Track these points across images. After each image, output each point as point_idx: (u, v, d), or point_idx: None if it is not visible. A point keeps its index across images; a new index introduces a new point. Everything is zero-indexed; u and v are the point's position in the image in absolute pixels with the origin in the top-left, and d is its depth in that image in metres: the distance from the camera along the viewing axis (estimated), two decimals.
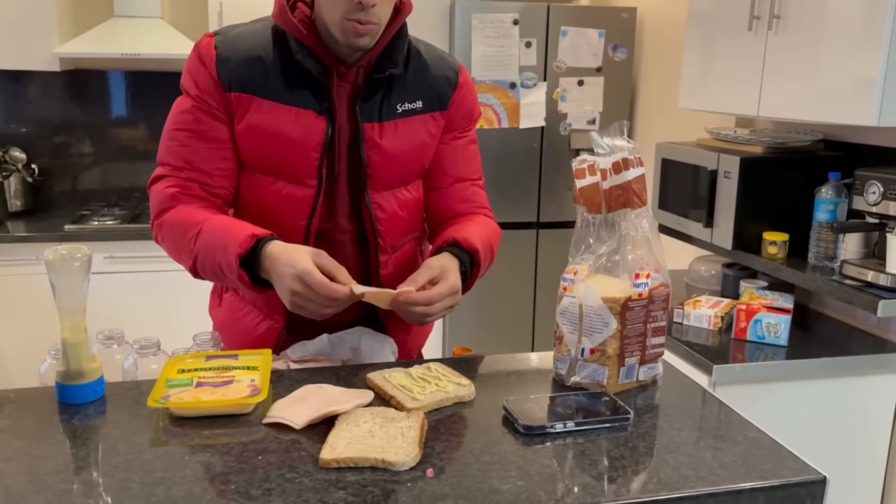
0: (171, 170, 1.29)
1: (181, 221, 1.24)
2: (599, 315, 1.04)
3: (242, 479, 0.82)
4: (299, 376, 1.11)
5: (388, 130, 1.31)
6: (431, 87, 1.35)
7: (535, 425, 0.95)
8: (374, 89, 1.29)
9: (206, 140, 1.27)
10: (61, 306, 0.95)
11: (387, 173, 1.33)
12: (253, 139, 1.28)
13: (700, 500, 0.83)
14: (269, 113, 1.26)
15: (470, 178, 1.45)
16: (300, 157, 1.28)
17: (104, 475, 0.82)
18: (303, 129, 1.26)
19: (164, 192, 1.28)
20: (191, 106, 1.28)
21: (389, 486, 0.82)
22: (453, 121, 1.39)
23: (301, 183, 1.30)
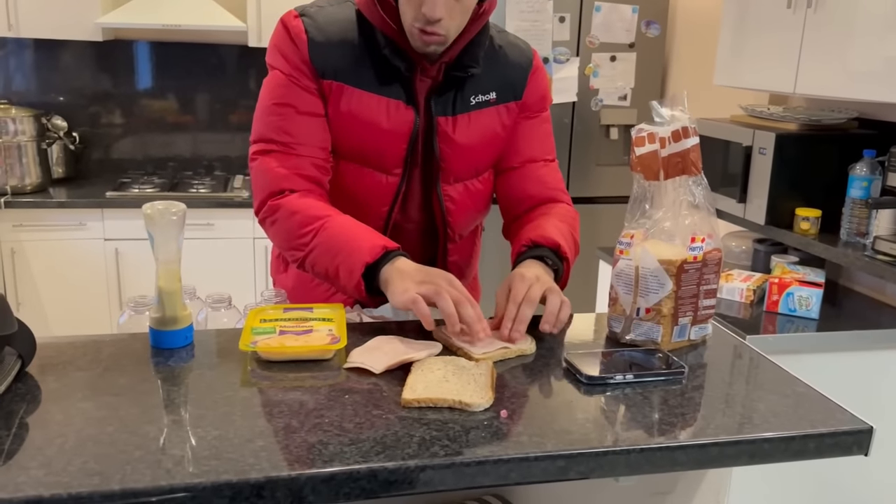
0: (278, 145, 1.27)
1: (300, 212, 1.23)
2: (656, 276, 1.10)
3: (334, 413, 0.89)
4: (371, 328, 1.18)
5: (462, 123, 1.33)
6: (505, 78, 1.37)
7: (596, 376, 1.01)
8: (451, 84, 1.31)
9: (307, 114, 1.27)
10: (158, 257, 1.02)
11: (459, 166, 1.36)
12: (345, 127, 1.29)
13: (756, 445, 0.90)
14: (362, 101, 1.28)
15: (542, 157, 1.44)
16: (389, 146, 1.31)
17: (207, 408, 0.90)
18: (395, 120, 1.29)
19: (274, 171, 1.26)
20: (286, 81, 1.27)
21: (468, 423, 0.89)
22: (527, 105, 1.41)
23: (387, 171, 1.33)
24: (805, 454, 0.92)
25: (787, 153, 2.33)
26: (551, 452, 0.84)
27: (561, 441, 0.86)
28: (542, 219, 1.37)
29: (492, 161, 1.41)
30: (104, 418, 0.86)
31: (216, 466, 0.77)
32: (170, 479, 0.75)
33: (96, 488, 0.73)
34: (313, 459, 0.80)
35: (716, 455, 0.89)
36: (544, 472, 0.84)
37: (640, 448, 0.86)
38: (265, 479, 0.76)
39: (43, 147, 3.32)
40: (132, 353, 1.05)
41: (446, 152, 1.33)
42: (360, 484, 0.79)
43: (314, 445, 0.82)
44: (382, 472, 0.79)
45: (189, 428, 0.85)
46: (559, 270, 1.28)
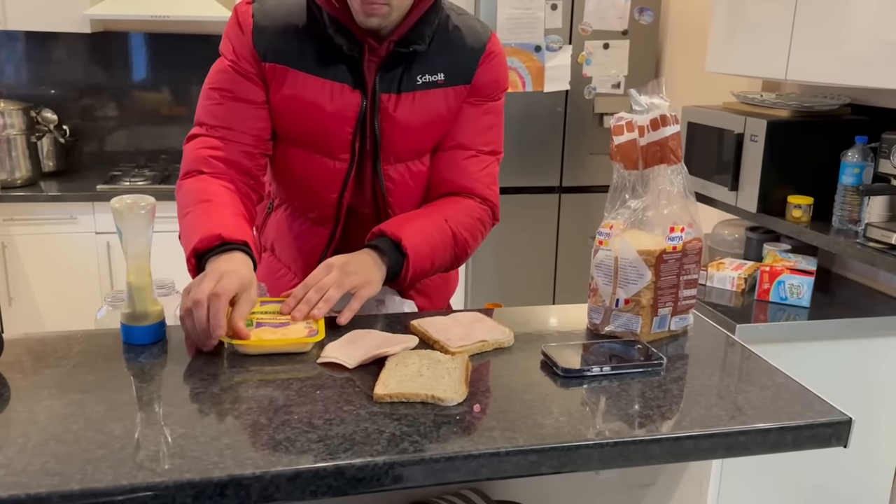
0: (207, 129, 1.30)
1: (190, 193, 1.24)
2: (635, 267, 1.08)
3: (304, 410, 0.88)
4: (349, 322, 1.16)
5: (405, 102, 1.30)
6: (456, 60, 1.33)
7: (573, 368, 1.00)
8: (397, 61, 1.29)
9: (242, 101, 1.29)
10: (127, 251, 1.01)
11: (399, 145, 1.33)
12: (288, 111, 1.29)
13: (732, 438, 0.88)
14: (305, 85, 1.27)
15: (474, 147, 1.38)
16: (335, 130, 1.29)
17: (175, 406, 0.88)
18: (338, 104, 1.28)
19: (194, 153, 1.29)
20: (227, 67, 1.30)
21: (439, 418, 0.88)
22: (474, 90, 1.37)
23: (334, 156, 1.32)
24: (782, 447, 0.90)
25: (778, 140, 2.31)
26: (523, 447, 0.83)
27: (533, 435, 0.85)
28: (425, 208, 1.35)
29: (435, 143, 1.38)
30: (69, 416, 0.85)
31: (179, 465, 0.76)
32: (131, 479, 0.74)
33: (55, 488, 0.72)
34: (279, 457, 0.78)
35: (691, 448, 0.88)
36: (516, 467, 0.83)
37: (613, 442, 0.85)
38: (228, 477, 0.75)
39: (33, 140, 3.30)
40: (104, 349, 1.03)
41: (386, 130, 1.31)
42: (326, 482, 0.78)
43: (281, 443, 0.81)
44: (350, 469, 0.78)
45: (155, 426, 0.84)
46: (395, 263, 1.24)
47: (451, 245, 1.33)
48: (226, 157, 1.28)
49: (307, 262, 1.43)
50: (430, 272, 1.33)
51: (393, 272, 1.25)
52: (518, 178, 3.47)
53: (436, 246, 1.30)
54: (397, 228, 1.26)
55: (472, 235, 1.36)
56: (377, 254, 1.24)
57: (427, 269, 1.30)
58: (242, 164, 1.29)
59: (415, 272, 1.27)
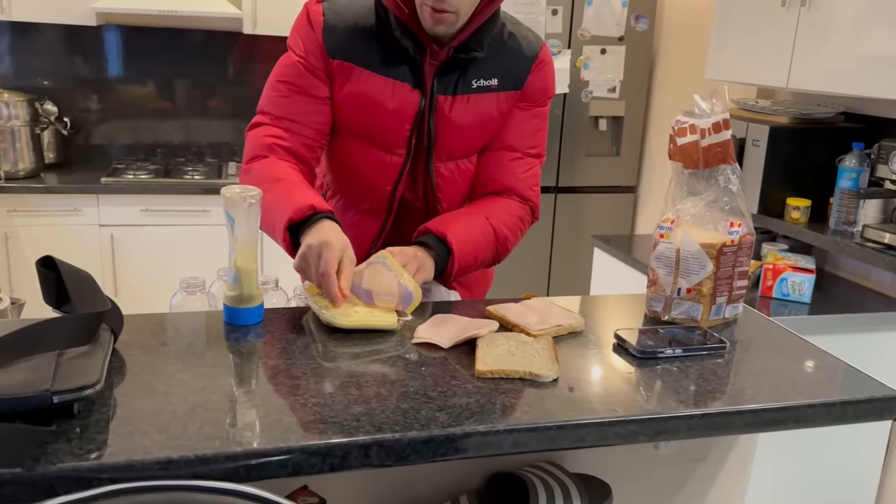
0: (271, 118, 1.37)
1: (262, 174, 1.31)
2: (697, 258, 1.18)
3: (417, 383, 0.96)
4: (423, 309, 1.24)
5: (459, 104, 1.38)
6: (510, 67, 1.41)
7: (648, 350, 1.09)
8: (455, 66, 1.36)
9: (307, 95, 1.36)
10: (237, 237, 1.07)
11: (452, 144, 1.41)
12: (351, 106, 1.37)
13: (801, 410, 0.98)
14: (369, 83, 1.35)
15: (521, 149, 1.47)
16: (394, 126, 1.37)
17: (299, 379, 0.95)
18: (399, 101, 1.36)
19: (260, 140, 1.35)
20: (295, 62, 1.36)
21: (541, 392, 0.96)
22: (524, 95, 1.45)
23: (391, 151, 1.40)
24: (844, 419, 1.01)
25: (779, 145, 2.44)
26: (623, 418, 0.92)
27: (629, 408, 0.94)
28: (469, 207, 1.44)
29: (484, 143, 1.46)
30: (205, 388, 0.91)
31: (325, 429, 0.83)
32: (286, 441, 0.81)
33: (219, 450, 0.79)
34: (411, 423, 0.86)
35: (767, 420, 0.97)
36: (616, 435, 0.92)
37: (701, 414, 0.94)
38: (372, 440, 0.83)
39: (36, 132, 3.30)
40: (208, 329, 1.09)
41: (441, 129, 1.39)
42: (455, 445, 0.86)
43: (407, 411, 0.89)
44: (475, 435, 0.86)
45: (288, 396, 0.91)
46: (442, 258, 1.33)
47: (493, 242, 1.41)
48: (290, 146, 1.35)
49: (358, 251, 1.50)
50: (473, 267, 1.41)
51: (439, 267, 1.33)
52: None
53: (478, 243, 1.38)
54: (443, 226, 1.35)
55: (512, 233, 1.45)
56: (425, 250, 1.32)
57: (471, 264, 1.39)
58: (303, 154, 1.37)
59: (460, 267, 1.35)
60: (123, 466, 0.76)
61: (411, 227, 1.41)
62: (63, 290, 0.98)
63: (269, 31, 3.44)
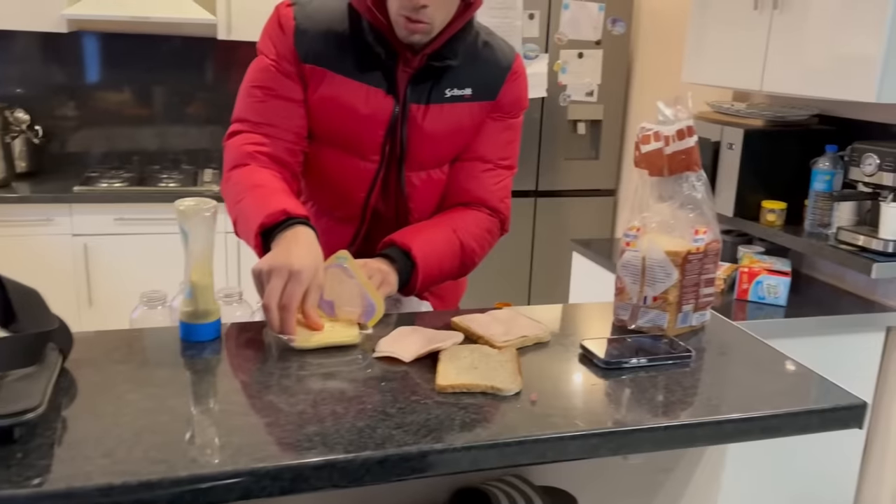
0: (250, 125, 1.34)
1: (242, 181, 1.29)
2: (662, 266, 1.17)
3: (375, 400, 0.94)
4: (387, 320, 1.22)
5: (433, 113, 1.37)
6: (484, 77, 1.40)
7: (612, 360, 1.07)
8: (428, 74, 1.35)
9: (283, 99, 1.34)
10: (192, 251, 1.04)
11: (423, 154, 1.40)
12: (324, 111, 1.35)
13: (766, 421, 0.97)
14: (343, 87, 1.33)
15: (493, 160, 1.45)
16: (367, 132, 1.35)
17: (252, 397, 0.93)
18: (373, 107, 1.34)
19: (240, 149, 1.33)
20: (268, 65, 1.34)
21: (502, 407, 0.94)
22: (498, 106, 1.44)
23: (365, 157, 1.38)
24: (810, 428, 1.00)
25: (754, 148, 2.44)
26: (585, 432, 0.90)
27: (591, 421, 0.92)
28: (436, 218, 1.42)
29: (456, 153, 1.45)
30: (154, 409, 0.89)
31: (275, 452, 0.81)
32: (234, 465, 0.78)
33: (164, 475, 0.76)
34: (366, 443, 0.84)
35: (731, 431, 0.96)
36: (578, 450, 0.90)
37: (663, 426, 0.93)
38: (323, 461, 0.80)
39: (6, 141, 3.25)
40: (163, 346, 1.07)
41: (413, 139, 1.37)
42: (411, 464, 0.84)
43: (363, 430, 0.86)
44: (432, 453, 0.84)
45: (240, 416, 0.88)
46: (405, 271, 1.31)
47: (459, 254, 1.40)
48: (271, 152, 1.32)
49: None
50: (438, 280, 1.40)
51: (403, 279, 1.32)
52: None
53: (444, 255, 1.37)
54: (408, 239, 1.34)
55: (479, 245, 1.44)
56: (388, 262, 1.31)
57: (436, 276, 1.37)
58: (285, 160, 1.34)
59: (424, 280, 1.34)
60: (62, 494, 0.73)
61: (382, 236, 1.40)
62: (10, 307, 0.95)
63: (243, 36, 3.41)
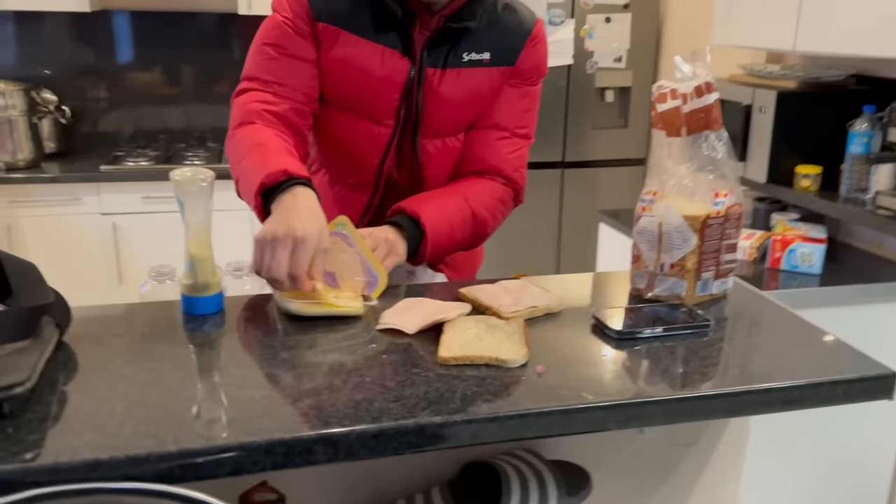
0: (259, 83, 1.30)
1: (245, 140, 1.23)
2: (680, 232, 1.11)
3: (374, 373, 0.91)
4: (396, 291, 1.19)
5: (449, 78, 1.32)
6: (503, 41, 1.35)
7: (625, 330, 1.03)
8: (446, 37, 1.30)
9: (295, 58, 1.29)
10: (189, 223, 1.02)
11: (439, 120, 1.35)
12: (337, 72, 1.30)
13: (787, 392, 0.92)
14: (357, 48, 1.28)
15: (509, 128, 1.41)
16: (382, 95, 1.31)
17: (250, 370, 0.91)
18: (388, 69, 1.29)
19: (247, 106, 1.28)
20: (280, 22, 1.30)
21: (507, 379, 0.91)
22: (516, 72, 1.39)
23: (379, 122, 1.34)
24: (833, 400, 0.94)
25: (787, 111, 2.34)
26: (591, 404, 0.86)
27: (599, 393, 0.88)
28: (449, 187, 1.38)
29: (473, 120, 1.40)
30: (149, 383, 0.87)
31: (268, 425, 0.79)
32: (224, 439, 0.76)
33: (152, 450, 0.74)
34: (361, 416, 0.81)
35: (750, 402, 0.91)
36: (584, 423, 0.86)
37: (677, 398, 0.88)
38: (317, 435, 0.78)
39: (34, 121, 3.27)
40: (165, 320, 1.05)
41: (429, 104, 1.33)
42: (408, 438, 0.81)
43: (360, 403, 0.84)
44: (430, 427, 0.81)
45: (235, 389, 0.86)
46: (414, 239, 1.27)
47: (471, 224, 1.36)
48: (279, 111, 1.28)
49: None
50: (449, 249, 1.36)
51: (412, 248, 1.27)
52: None
53: (454, 224, 1.33)
54: (417, 206, 1.29)
55: (491, 215, 1.39)
56: (397, 230, 1.27)
57: (446, 245, 1.33)
58: (293, 120, 1.30)
59: (433, 249, 1.30)
60: (48, 469, 0.72)
61: (396, 203, 1.36)
62: (6, 281, 0.94)
63: (265, 10, 3.36)
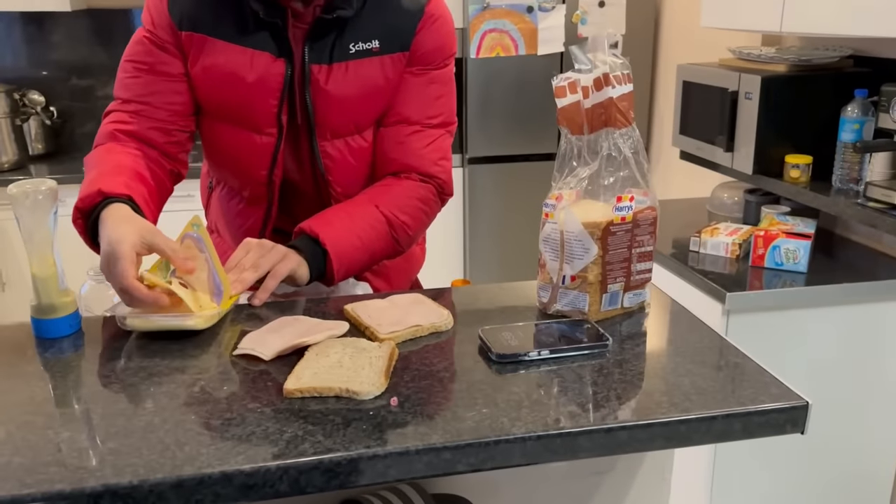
0: (119, 103, 1.25)
1: (88, 164, 1.19)
2: (580, 241, 1.00)
3: (204, 409, 0.81)
4: (279, 307, 1.09)
5: (337, 73, 1.22)
6: (392, 26, 1.24)
7: (508, 353, 0.92)
8: (326, 29, 1.20)
9: (157, 73, 1.23)
10: (29, 240, 0.94)
11: (334, 120, 1.25)
12: (208, 82, 1.22)
13: (671, 427, 0.80)
14: (224, 54, 1.20)
15: (420, 121, 1.29)
16: (258, 102, 1.22)
17: (68, 406, 0.82)
18: (260, 73, 1.20)
19: (104, 128, 1.25)
20: (143, 38, 1.24)
21: (351, 414, 0.81)
22: (416, 57, 1.27)
23: (260, 131, 1.25)
24: (730, 435, 0.82)
25: (774, 97, 2.18)
26: (435, 445, 0.76)
27: (449, 431, 0.78)
28: (358, 197, 1.27)
29: (375, 116, 1.29)
30: None
31: (54, 474, 0.70)
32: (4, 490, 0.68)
33: None
34: (164, 463, 0.72)
35: (625, 440, 0.80)
36: (428, 466, 0.76)
37: (536, 436, 0.78)
38: (102, 487, 0.69)
39: (17, 123, 3.26)
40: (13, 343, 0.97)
41: (319, 104, 1.23)
42: (213, 489, 0.71)
43: (169, 447, 0.75)
44: (238, 476, 0.72)
45: (41, 430, 0.78)
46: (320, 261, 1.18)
47: (387, 231, 1.25)
48: (134, 130, 1.22)
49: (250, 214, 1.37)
50: (369, 262, 1.26)
51: (319, 270, 1.18)
52: (513, 145, 3.37)
53: (365, 236, 1.22)
54: (317, 225, 1.19)
55: (412, 218, 1.28)
56: (297, 254, 1.17)
57: (361, 259, 1.23)
58: (154, 139, 1.23)
59: (346, 267, 1.20)
60: None
61: (304, 213, 1.27)
62: None
63: None
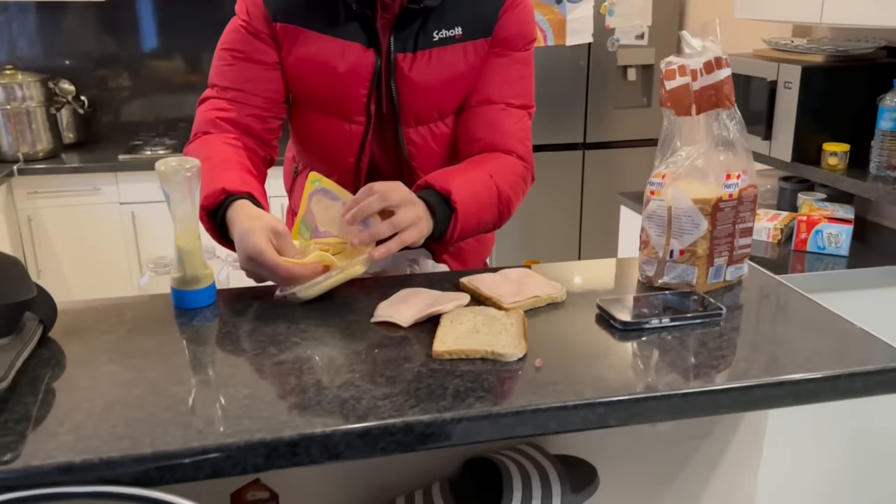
0: (218, 90, 1.29)
1: (195, 154, 1.20)
2: (690, 216, 1.06)
3: (365, 368, 0.87)
4: (396, 281, 1.15)
5: (421, 61, 1.26)
6: (474, 12, 1.27)
7: (631, 321, 0.98)
8: (411, 18, 1.24)
9: (253, 62, 1.27)
10: (175, 215, 0.99)
11: (418, 106, 1.29)
12: (301, 72, 1.27)
13: (800, 385, 0.87)
14: (317, 45, 1.24)
15: (503, 100, 1.31)
16: (349, 92, 1.26)
17: (236, 367, 0.88)
18: (351, 63, 1.24)
19: (203, 115, 1.28)
20: (238, 26, 1.28)
21: (502, 374, 0.86)
22: (497, 41, 1.30)
23: (349, 119, 1.29)
24: (852, 393, 0.89)
25: (813, 86, 2.25)
26: (590, 400, 0.82)
27: (599, 388, 0.84)
28: (466, 163, 1.28)
29: (457, 102, 1.32)
30: (131, 381, 0.84)
31: (248, 425, 0.76)
32: (202, 440, 0.73)
33: (127, 452, 0.71)
34: (347, 415, 0.77)
35: (759, 397, 0.86)
36: (584, 420, 0.82)
37: (681, 393, 0.84)
38: (299, 436, 0.75)
39: (52, 112, 3.28)
40: (155, 314, 1.03)
41: (403, 92, 1.27)
42: (395, 438, 0.77)
43: (347, 401, 0.80)
44: (418, 426, 0.77)
45: (219, 388, 0.83)
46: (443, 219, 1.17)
47: (496, 203, 1.26)
48: (234, 118, 1.26)
49: None
50: (475, 231, 1.25)
51: (440, 229, 1.17)
52: (540, 135, 3.42)
53: (482, 203, 1.23)
54: (446, 181, 1.19)
55: (515, 194, 1.30)
56: (425, 207, 1.15)
57: (473, 227, 1.23)
58: (251, 126, 1.27)
59: (461, 230, 1.20)
60: (19, 473, 0.69)
61: None
62: None
63: None
